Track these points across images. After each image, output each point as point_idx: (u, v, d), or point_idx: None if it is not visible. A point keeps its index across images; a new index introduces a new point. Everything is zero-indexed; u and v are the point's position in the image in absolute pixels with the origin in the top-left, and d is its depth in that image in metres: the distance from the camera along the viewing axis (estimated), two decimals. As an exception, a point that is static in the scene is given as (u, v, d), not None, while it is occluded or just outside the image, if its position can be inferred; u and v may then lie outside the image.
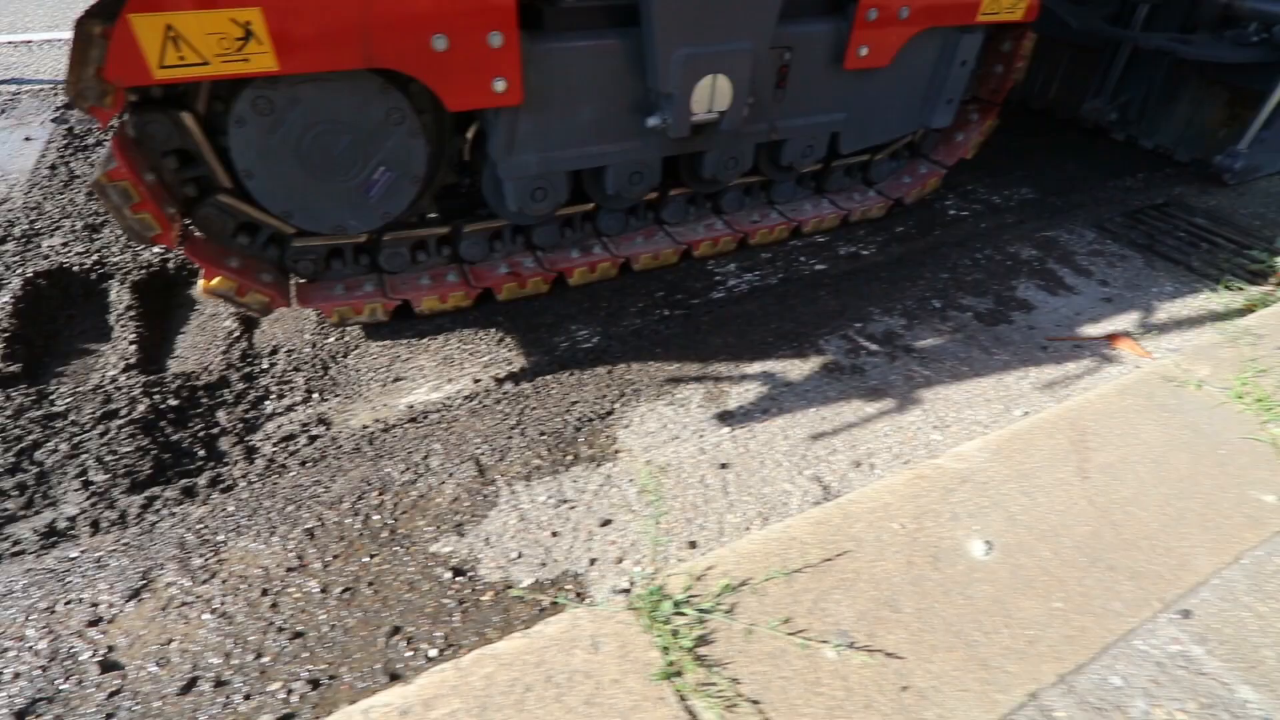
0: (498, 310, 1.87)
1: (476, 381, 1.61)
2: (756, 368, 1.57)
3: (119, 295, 1.80)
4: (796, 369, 1.57)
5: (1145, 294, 1.88)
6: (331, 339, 1.76)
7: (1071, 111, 3.21)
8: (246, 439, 1.44)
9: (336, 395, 1.58)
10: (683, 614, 0.86)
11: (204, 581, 1.08)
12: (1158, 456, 1.13)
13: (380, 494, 1.24)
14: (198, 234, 1.59)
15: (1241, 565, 0.96)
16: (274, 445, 1.42)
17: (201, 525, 1.18)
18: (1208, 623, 0.90)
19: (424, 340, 1.76)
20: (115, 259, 1.91)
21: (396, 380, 1.64)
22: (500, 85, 1.49)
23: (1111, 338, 1.68)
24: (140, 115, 1.39)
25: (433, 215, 1.89)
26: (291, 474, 1.30)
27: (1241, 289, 1.90)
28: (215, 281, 1.54)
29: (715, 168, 1.91)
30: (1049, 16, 3.00)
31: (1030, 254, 2.07)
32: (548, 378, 1.58)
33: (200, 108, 1.44)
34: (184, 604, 1.05)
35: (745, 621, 0.86)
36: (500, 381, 1.57)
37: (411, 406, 1.53)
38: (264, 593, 1.07)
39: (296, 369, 1.66)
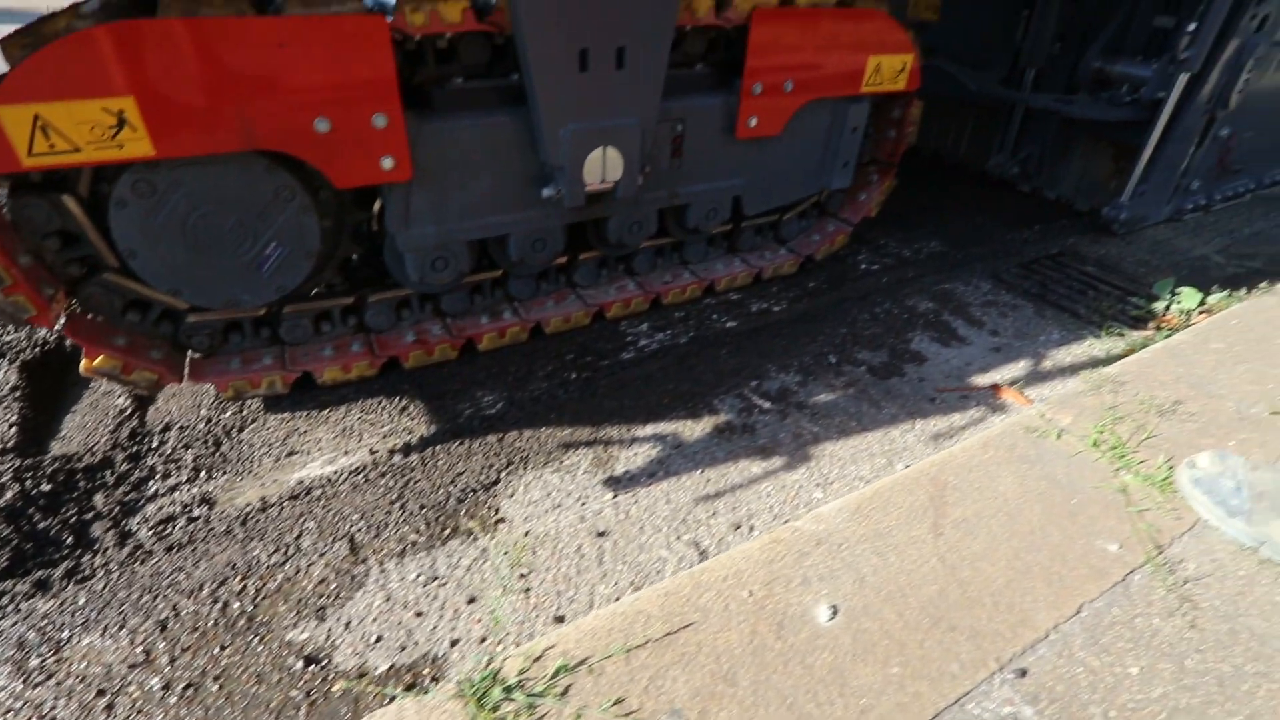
0: (404, 378, 1.87)
1: (373, 453, 1.59)
2: (649, 430, 1.58)
3: (5, 376, 1.75)
4: (688, 430, 1.59)
5: (1033, 342, 1.96)
6: (229, 413, 1.73)
7: (980, 166, 3.40)
8: (122, 524, 1.40)
9: (225, 473, 1.54)
10: (512, 699, 0.84)
11: (38, 685, 1.03)
12: (1012, 509, 1.16)
13: (244, 578, 1.21)
14: (84, 313, 1.57)
15: (1080, 619, 0.98)
16: (150, 529, 1.37)
17: (46, 621, 1.13)
18: (1041, 681, 0.90)
19: (324, 411, 1.74)
20: (7, 338, 1.87)
21: (291, 454, 1.61)
22: (388, 163, 1.53)
23: (996, 387, 1.74)
24: (16, 199, 1.39)
25: (337, 285, 1.90)
26: (155, 560, 1.26)
27: (1123, 334, 1.99)
28: (97, 361, 1.52)
29: (619, 232, 1.97)
30: (952, 79, 3.22)
31: (927, 306, 2.15)
32: (438, 448, 1.57)
33: (83, 190, 1.45)
34: (10, 711, 0.99)
35: (576, 705, 0.84)
36: (392, 453, 1.56)
37: (301, 482, 1.50)
38: (100, 693, 1.01)
39: (187, 446, 1.62)
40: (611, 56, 1.58)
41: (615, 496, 1.38)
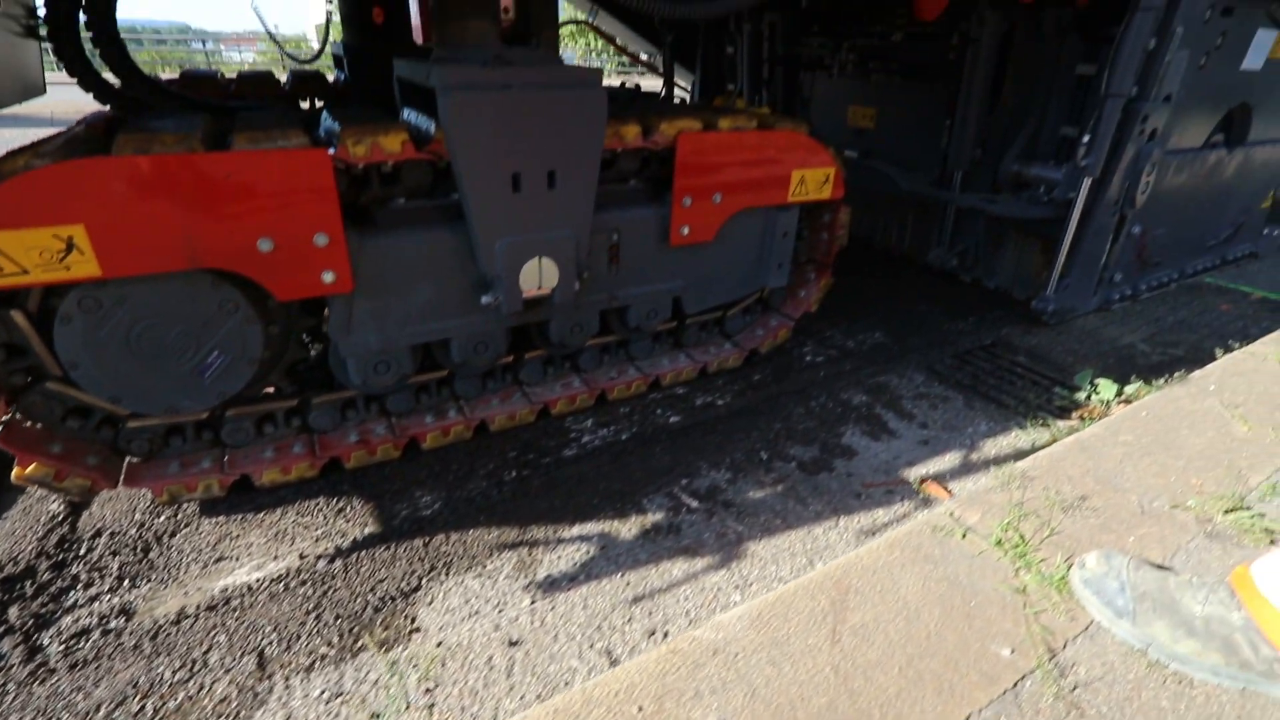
0: (345, 478, 1.89)
1: (301, 558, 1.59)
2: (575, 531, 1.60)
3: (-62, 484, 1.76)
4: (614, 531, 1.61)
5: (960, 435, 2.03)
6: (162, 518, 1.74)
7: (923, 258, 3.59)
8: (33, 638, 1.37)
9: (150, 581, 1.53)
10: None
11: (-94, 823, 0.99)
12: (911, 613, 1.18)
13: (144, 698, 1.18)
14: (24, 420, 1.61)
15: (968, 730, 0.99)
16: (61, 644, 1.35)
17: (-72, 752, 1.10)
18: (923, 799, 0.90)
19: (260, 514, 1.75)
20: (-51, 444, 1.88)
21: (220, 560, 1.61)
22: (329, 277, 1.62)
23: (921, 481, 1.78)
24: (-37, 317, 1.45)
25: (284, 388, 1.95)
26: (56, 679, 1.23)
27: (1048, 425, 2.07)
28: (29, 469, 1.54)
29: (561, 334, 2.06)
30: (888, 178, 3.46)
31: (861, 400, 2.23)
32: (365, 552, 1.57)
33: (32, 306, 1.52)
34: None
35: (447, 837, 0.83)
36: (319, 558, 1.56)
37: (224, 590, 1.49)
38: (-29, 832, 0.98)
39: (115, 553, 1.62)
40: (543, 179, 1.71)
41: (533, 602, 1.39)
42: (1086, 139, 2.48)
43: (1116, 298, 3.13)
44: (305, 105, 3.04)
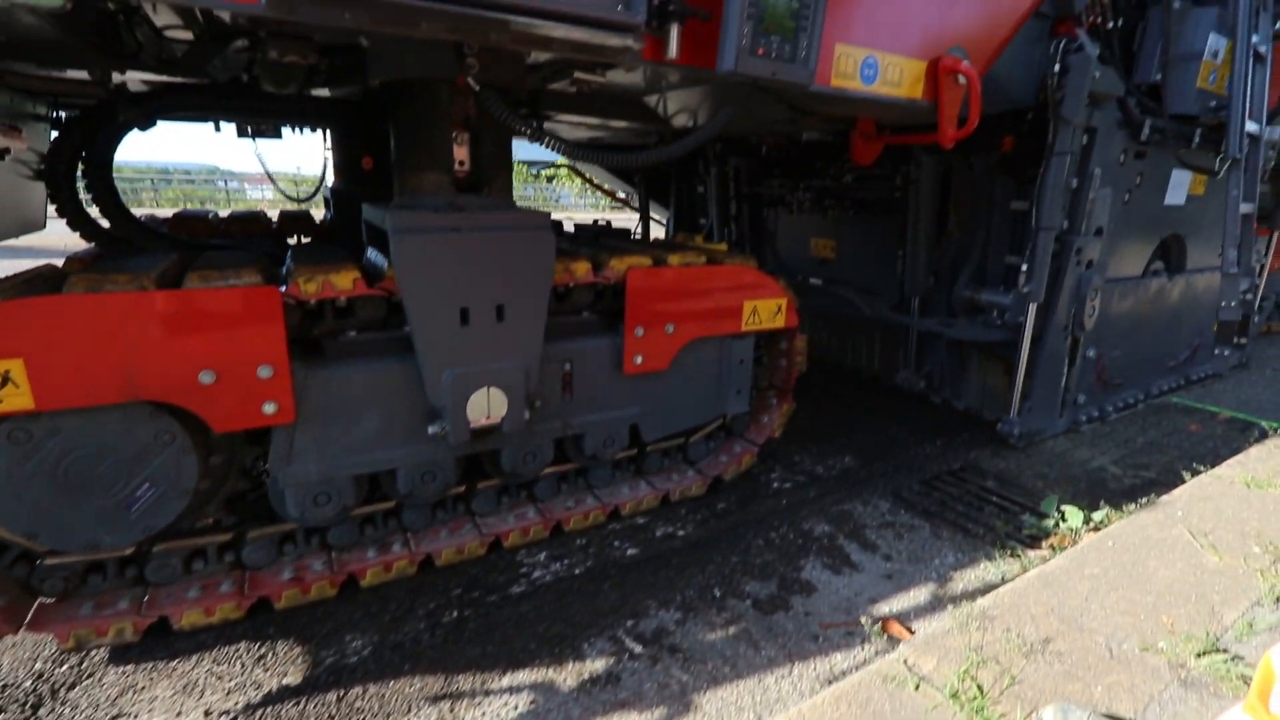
0: (274, 619, 1.77)
1: (207, 715, 1.45)
2: (506, 682, 1.48)
3: None
4: (549, 682, 1.49)
5: (926, 567, 1.94)
6: (66, 666, 1.60)
7: (892, 379, 3.63)
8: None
9: (32, 745, 1.38)
10: None
11: None
12: (857, 783, 1.06)
13: None
14: (-70, 562, 1.53)
15: None
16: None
17: None
18: None
19: (173, 662, 1.62)
20: None
21: (116, 718, 1.46)
22: (270, 408, 1.62)
23: (882, 622, 1.68)
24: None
25: (222, 520, 1.88)
26: None
27: (1017, 555, 1.99)
28: (-77, 617, 1.44)
29: (514, 463, 2.03)
30: (852, 304, 3.59)
31: (824, 530, 2.15)
32: (273, 709, 1.43)
33: (-39, 440, 1.50)
34: None
35: None
36: (222, 715, 1.42)
37: (111, 756, 1.34)
38: None
39: (2, 710, 1.47)
40: (491, 313, 1.77)
41: (448, 771, 1.25)
42: (1025, 267, 2.60)
43: (1084, 419, 3.14)
44: (293, 241, 3.20)
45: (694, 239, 2.76)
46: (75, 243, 2.52)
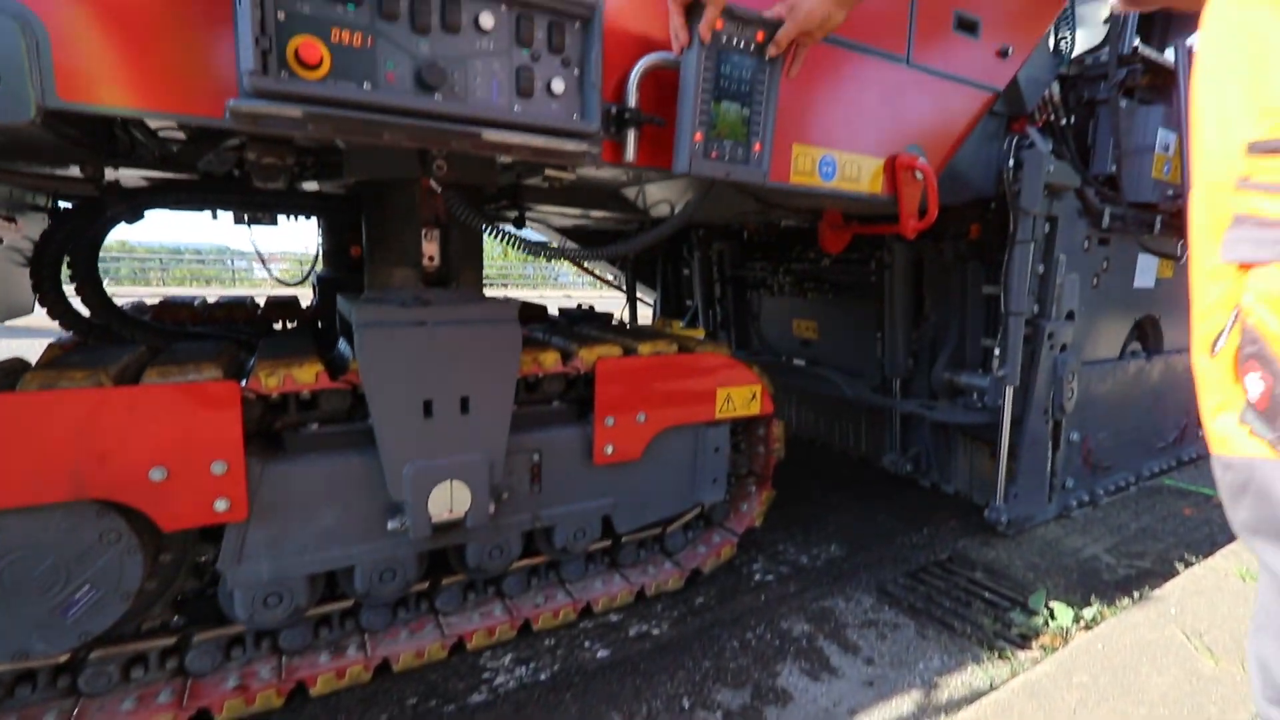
0: (211, 735, 1.65)
1: None
2: (450, 813, 1.36)
3: None
4: (499, 810, 1.37)
5: (910, 673, 1.83)
6: (-23, 795, 1.48)
7: (879, 461, 3.58)
8: None
9: None
10: None
11: None
12: None
13: None
14: None
15: None
16: None
17: None
18: None
19: (95, 788, 1.49)
20: None
21: None
22: (222, 505, 1.57)
23: (863, 736, 1.57)
24: None
25: (168, 622, 1.79)
26: None
27: (1008, 658, 1.88)
28: None
29: (479, 558, 1.96)
30: (835, 384, 3.58)
31: (803, 629, 2.05)
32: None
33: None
34: None
35: None
36: None
37: None
38: None
39: None
40: (455, 405, 1.75)
41: None
42: (999, 352, 2.62)
43: (1074, 504, 3.07)
44: (278, 326, 3.23)
45: (672, 325, 2.79)
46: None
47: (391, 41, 1.23)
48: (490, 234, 1.76)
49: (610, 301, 5.17)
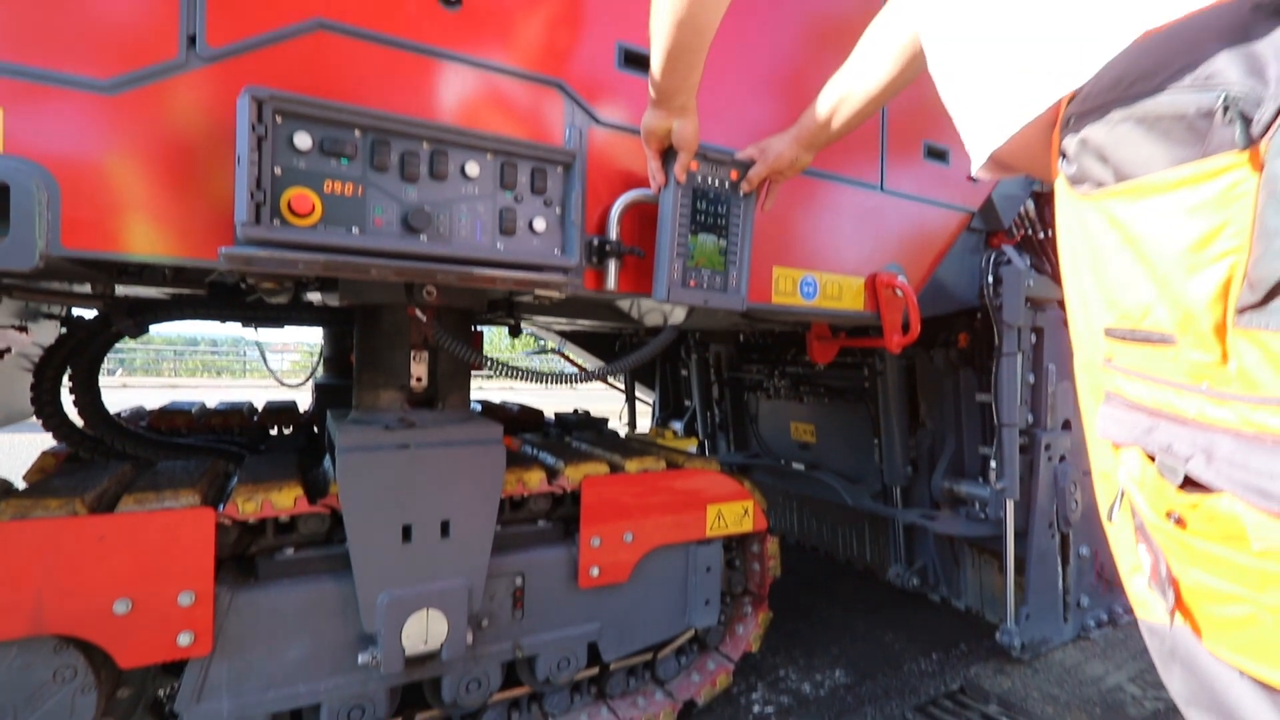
0: None
1: None
2: None
3: None
4: None
5: (920, 831, 1.66)
6: None
7: (885, 572, 3.43)
8: None
9: None
10: None
11: None
12: None
13: None
14: None
15: None
16: None
17: None
18: None
19: None
20: None
21: None
22: (186, 639, 1.51)
23: None
24: None
25: (116, 770, 1.67)
26: None
27: (1028, 814, 1.71)
28: None
29: (455, 692, 1.84)
30: (836, 490, 3.50)
31: (803, 776, 1.89)
32: None
33: None
34: None
35: None
36: None
37: None
38: None
39: None
40: (435, 529, 1.72)
41: None
42: (995, 464, 2.57)
43: (1092, 624, 2.90)
44: (274, 432, 3.24)
45: (666, 434, 2.78)
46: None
47: (381, 190, 1.30)
48: (476, 363, 1.80)
49: (611, 400, 5.20)
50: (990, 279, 2.52)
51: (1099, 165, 0.75)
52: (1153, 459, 0.70)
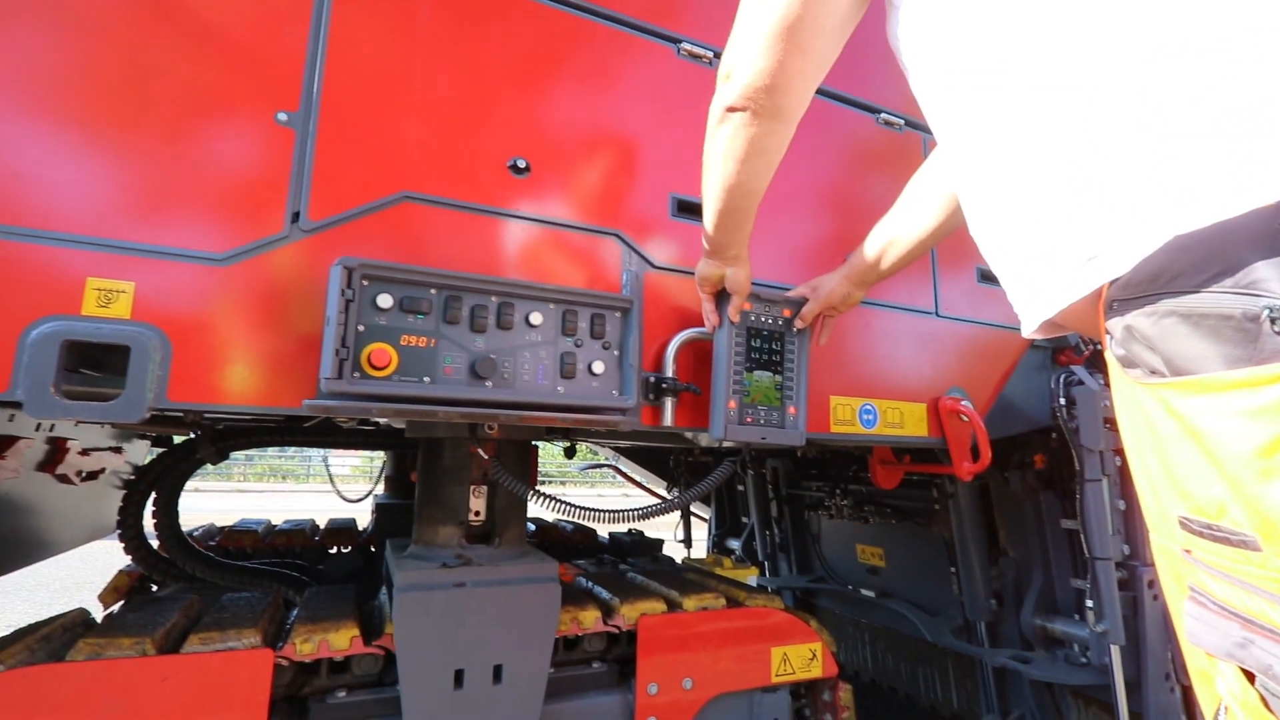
0: None
1: None
2: None
3: None
4: None
5: None
6: None
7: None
8: None
9: None
10: None
11: None
12: None
13: None
14: None
15: None
16: None
17: None
18: None
19: None
20: None
21: None
22: (232, 793, 1.46)
23: None
24: None
25: None
26: None
27: None
28: None
29: None
30: (906, 620, 3.22)
31: None
32: None
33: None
34: None
35: None
36: None
37: None
38: None
39: None
40: (488, 674, 1.66)
41: None
42: (1091, 602, 2.33)
43: (1234, 797, 2.46)
44: (333, 551, 3.29)
45: (723, 561, 2.67)
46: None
47: (451, 341, 1.39)
48: (537, 501, 1.81)
49: (666, 516, 5.04)
50: (1063, 400, 2.41)
51: (1149, 354, 0.75)
52: (1252, 678, 0.63)
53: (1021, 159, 0.90)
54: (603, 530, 3.62)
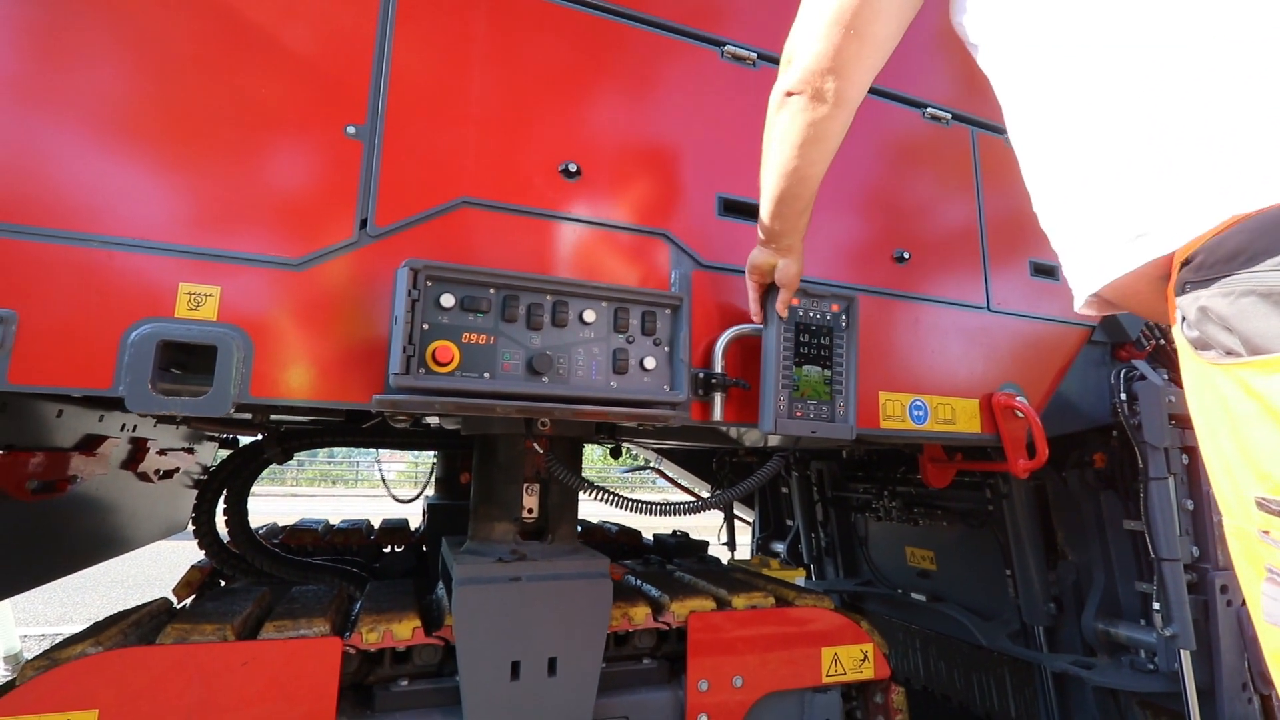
0: None
1: None
2: None
3: None
4: None
5: None
6: None
7: (1031, 732, 2.96)
8: None
9: None
10: None
11: None
12: None
13: None
14: None
15: None
16: None
17: None
18: None
19: None
20: None
21: None
22: (305, 774, 1.53)
23: None
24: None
25: None
26: None
27: None
28: None
29: None
30: (959, 625, 3.14)
31: None
32: None
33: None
34: None
35: None
36: None
37: None
38: None
39: None
40: (543, 666, 1.70)
41: None
42: (1158, 605, 2.24)
43: (1321, 815, 2.32)
44: (388, 550, 3.41)
45: (770, 562, 2.66)
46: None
47: (509, 338, 1.44)
48: (590, 495, 1.85)
49: (706, 515, 5.06)
50: (1124, 396, 2.33)
51: (1225, 334, 0.75)
52: None
53: (1080, 138, 0.91)
54: (647, 533, 3.65)
